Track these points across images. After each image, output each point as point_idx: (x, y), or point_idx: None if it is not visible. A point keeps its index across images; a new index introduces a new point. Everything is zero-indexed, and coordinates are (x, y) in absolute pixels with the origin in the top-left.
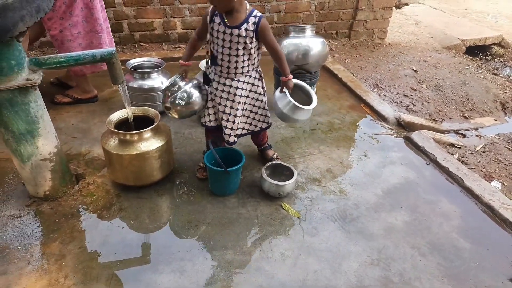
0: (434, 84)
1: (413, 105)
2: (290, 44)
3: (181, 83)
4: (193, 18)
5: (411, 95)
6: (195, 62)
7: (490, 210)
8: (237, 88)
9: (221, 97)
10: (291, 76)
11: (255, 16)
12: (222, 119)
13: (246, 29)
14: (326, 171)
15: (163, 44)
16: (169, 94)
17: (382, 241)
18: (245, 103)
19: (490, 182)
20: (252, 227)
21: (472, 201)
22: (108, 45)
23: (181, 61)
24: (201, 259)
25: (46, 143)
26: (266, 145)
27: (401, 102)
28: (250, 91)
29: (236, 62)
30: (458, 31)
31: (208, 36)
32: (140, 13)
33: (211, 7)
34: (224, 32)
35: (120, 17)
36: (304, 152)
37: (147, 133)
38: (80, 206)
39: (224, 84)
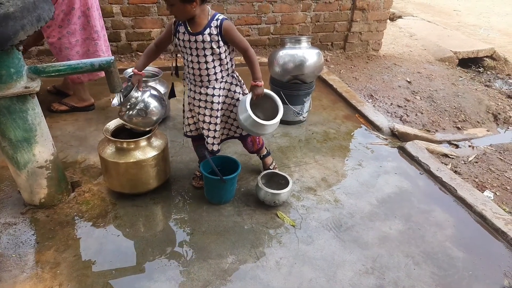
0: (427, 95)
1: (407, 115)
2: (286, 55)
3: (137, 94)
4: None
5: (405, 106)
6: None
7: (482, 220)
8: (213, 95)
9: (199, 106)
10: (261, 82)
11: (217, 20)
12: (203, 128)
13: (210, 34)
14: (321, 180)
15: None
16: (127, 107)
17: (377, 250)
18: (222, 109)
19: (482, 192)
20: (248, 235)
21: (465, 211)
22: (104, 52)
23: (134, 70)
24: (197, 267)
25: (43, 150)
26: (265, 152)
27: (395, 112)
28: (227, 96)
29: (207, 69)
30: (451, 43)
31: (175, 47)
32: (138, 23)
33: (175, 19)
34: (189, 40)
35: (118, 26)
36: (300, 161)
37: (143, 141)
38: (75, 214)
39: (200, 93)
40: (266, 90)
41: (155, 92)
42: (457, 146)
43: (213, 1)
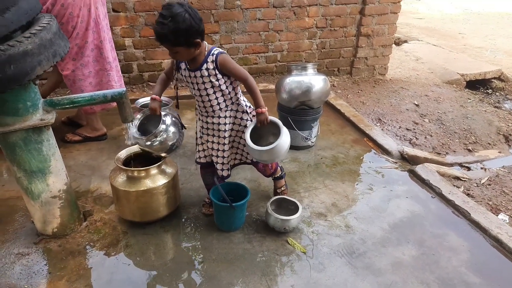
0: (436, 117)
1: (416, 138)
2: (292, 81)
3: (165, 120)
4: None
5: (414, 129)
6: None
7: (498, 244)
8: (219, 124)
9: (207, 135)
10: (264, 109)
11: (212, 55)
12: (212, 155)
13: (207, 69)
14: (332, 205)
15: (171, 83)
16: (157, 137)
17: (390, 276)
18: (230, 136)
19: (497, 215)
20: (258, 263)
21: (480, 235)
22: (117, 82)
23: (153, 96)
24: None
25: (56, 180)
26: (278, 174)
27: (404, 136)
28: (234, 123)
29: (210, 101)
30: (458, 66)
31: (176, 81)
32: (149, 54)
33: None
34: (189, 76)
35: (130, 58)
36: (309, 186)
37: (154, 169)
38: (87, 243)
39: (207, 122)
40: (271, 117)
41: (173, 118)
42: (468, 169)
43: (221, 32)
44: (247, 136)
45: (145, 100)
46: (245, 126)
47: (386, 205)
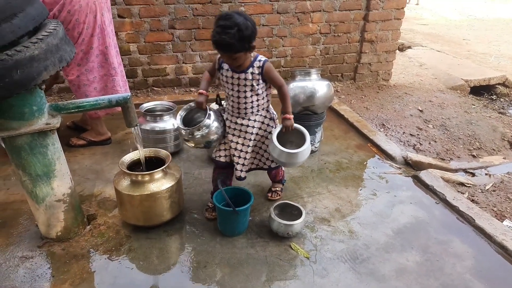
0: (440, 123)
1: (420, 144)
2: (296, 87)
3: (209, 114)
4: (204, 63)
5: (418, 135)
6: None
7: (503, 250)
8: (247, 126)
9: (233, 135)
10: (290, 116)
11: (259, 61)
12: (233, 155)
13: (252, 73)
14: (335, 210)
15: (175, 88)
16: (193, 128)
17: (394, 283)
18: (255, 139)
19: (502, 221)
20: (261, 268)
21: (485, 241)
22: (122, 87)
23: (200, 91)
24: None
25: (61, 184)
26: (280, 178)
27: (408, 141)
28: (260, 128)
29: (245, 103)
30: (462, 72)
31: (218, 80)
32: (153, 59)
33: (219, 55)
34: (232, 77)
35: (135, 64)
36: (313, 191)
37: (158, 173)
38: (90, 247)
39: (236, 123)
40: (296, 125)
41: (217, 115)
42: (473, 175)
43: None
44: (274, 137)
45: (149, 105)
46: (269, 132)
47: (390, 211)
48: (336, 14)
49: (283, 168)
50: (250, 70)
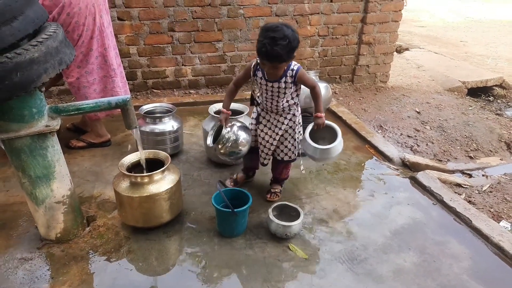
0: (437, 125)
1: (418, 145)
2: None
3: (226, 130)
4: (203, 66)
5: (415, 136)
6: (205, 107)
7: (500, 251)
8: (278, 121)
9: (265, 125)
10: (322, 114)
11: (292, 70)
12: (261, 144)
13: (285, 82)
14: (333, 211)
15: (175, 90)
16: (221, 144)
17: (392, 283)
18: (281, 134)
19: (498, 222)
20: (260, 269)
21: (482, 242)
22: (121, 88)
23: (223, 109)
24: None
25: (61, 186)
26: (281, 181)
27: (405, 143)
28: (288, 125)
29: (277, 105)
30: (459, 73)
31: (252, 83)
32: (153, 62)
33: (254, 61)
34: (266, 85)
35: (134, 66)
36: (311, 192)
37: (157, 175)
38: (90, 248)
39: (270, 117)
40: (328, 122)
41: (241, 125)
42: (470, 176)
43: (225, 40)
44: (307, 135)
45: (148, 107)
46: (293, 130)
47: (388, 212)
48: (334, 16)
49: (288, 168)
50: (283, 79)
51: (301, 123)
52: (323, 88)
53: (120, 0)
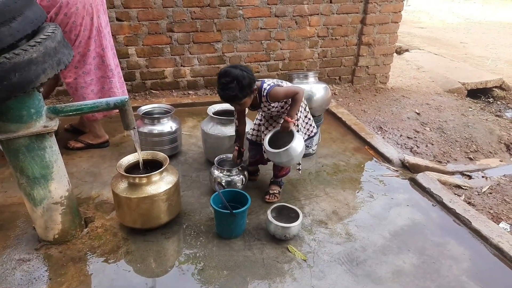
0: (437, 126)
1: (417, 147)
2: None
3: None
4: (202, 66)
5: (415, 137)
6: (204, 107)
7: (499, 252)
8: (278, 117)
9: (266, 120)
10: (291, 119)
11: (263, 96)
12: (263, 139)
13: (265, 106)
14: (332, 213)
15: (173, 91)
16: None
17: (391, 285)
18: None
19: (498, 224)
20: (259, 270)
21: (481, 243)
22: (119, 89)
23: (236, 145)
24: None
25: (59, 187)
26: (280, 179)
27: (405, 144)
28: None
29: (272, 117)
30: (459, 75)
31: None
32: (152, 62)
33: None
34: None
35: (133, 66)
36: (310, 194)
37: (155, 176)
38: (88, 249)
39: (271, 117)
40: (293, 129)
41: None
42: (470, 177)
43: (224, 40)
44: (265, 142)
45: (147, 107)
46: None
47: (387, 213)
48: (333, 17)
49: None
50: (262, 105)
51: (306, 120)
52: (323, 89)
53: (118, 1)
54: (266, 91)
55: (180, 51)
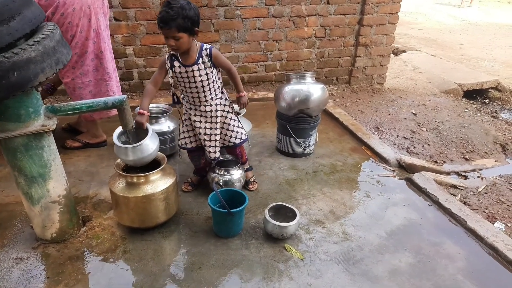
0: (433, 127)
1: (414, 147)
2: (291, 90)
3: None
4: None
5: (412, 138)
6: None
7: (494, 252)
8: (211, 111)
9: (200, 121)
10: (244, 93)
11: (206, 49)
12: (204, 140)
13: (203, 62)
14: (329, 212)
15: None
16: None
17: (387, 283)
18: (220, 121)
19: (493, 223)
20: (256, 269)
21: (476, 243)
22: (115, 93)
23: (141, 111)
24: None
25: (56, 186)
26: (248, 166)
27: (401, 144)
28: (223, 111)
29: (204, 91)
30: (456, 76)
31: (171, 80)
32: (149, 62)
33: (166, 55)
34: (186, 72)
35: (130, 66)
36: (307, 193)
37: (153, 175)
38: (85, 248)
39: (201, 111)
40: (148, 125)
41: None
42: (465, 177)
43: (221, 41)
44: (115, 138)
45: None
46: (228, 112)
47: (383, 213)
48: (331, 18)
49: (244, 146)
50: (200, 60)
51: (230, 100)
52: (320, 89)
53: (116, 1)
54: (208, 49)
55: None
